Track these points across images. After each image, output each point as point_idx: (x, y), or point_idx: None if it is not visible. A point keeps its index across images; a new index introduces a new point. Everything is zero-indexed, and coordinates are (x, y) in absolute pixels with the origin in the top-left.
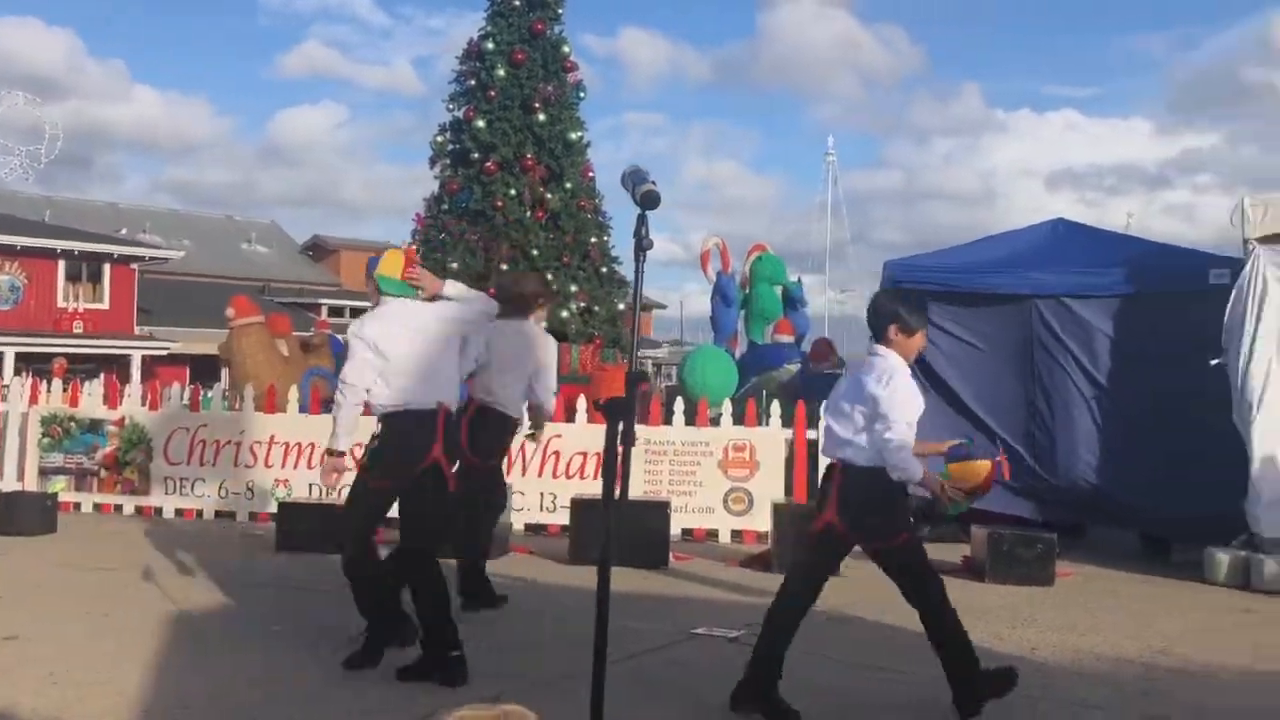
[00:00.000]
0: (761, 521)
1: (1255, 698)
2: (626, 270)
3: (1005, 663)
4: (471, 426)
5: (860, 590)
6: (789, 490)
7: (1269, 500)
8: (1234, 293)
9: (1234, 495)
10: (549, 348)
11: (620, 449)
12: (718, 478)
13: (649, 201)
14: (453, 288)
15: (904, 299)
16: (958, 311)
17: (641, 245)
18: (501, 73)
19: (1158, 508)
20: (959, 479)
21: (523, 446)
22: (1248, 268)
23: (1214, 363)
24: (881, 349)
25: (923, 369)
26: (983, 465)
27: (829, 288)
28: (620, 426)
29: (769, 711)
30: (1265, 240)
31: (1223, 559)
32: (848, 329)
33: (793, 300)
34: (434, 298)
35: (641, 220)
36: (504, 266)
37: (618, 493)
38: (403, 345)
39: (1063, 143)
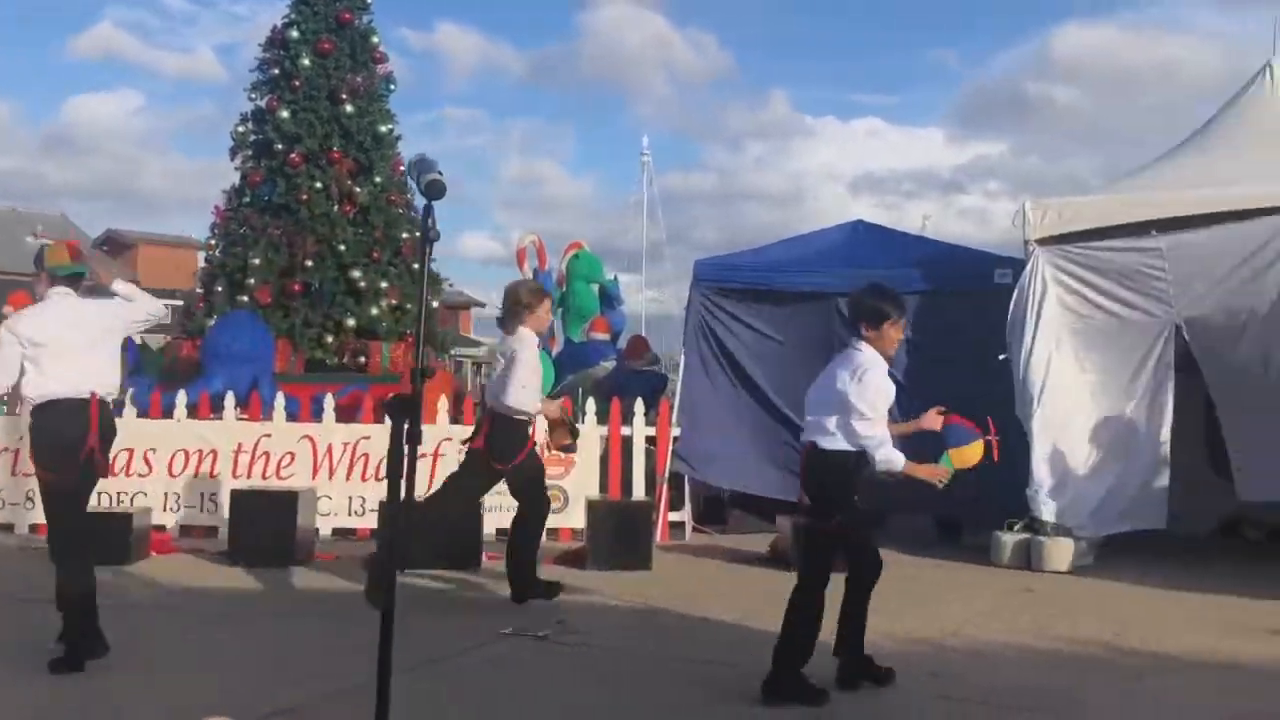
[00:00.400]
0: (577, 519)
1: (1038, 675)
2: (440, 266)
3: None
4: (489, 433)
5: (668, 585)
6: (604, 487)
7: (1049, 487)
8: (1016, 292)
9: (1018, 482)
10: (518, 347)
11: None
12: None
13: (434, 191)
14: (121, 285)
15: (881, 295)
16: (763, 309)
17: (428, 236)
18: (307, 62)
19: (950, 495)
20: (958, 464)
21: (329, 448)
22: (1028, 268)
23: (1000, 358)
24: (859, 343)
25: (730, 364)
26: (976, 449)
27: (645, 286)
28: (405, 425)
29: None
30: (1044, 242)
31: (1007, 542)
32: (663, 327)
33: (609, 298)
34: (102, 293)
35: (428, 211)
36: (309, 263)
37: (406, 494)
38: (59, 338)
39: (866, 148)
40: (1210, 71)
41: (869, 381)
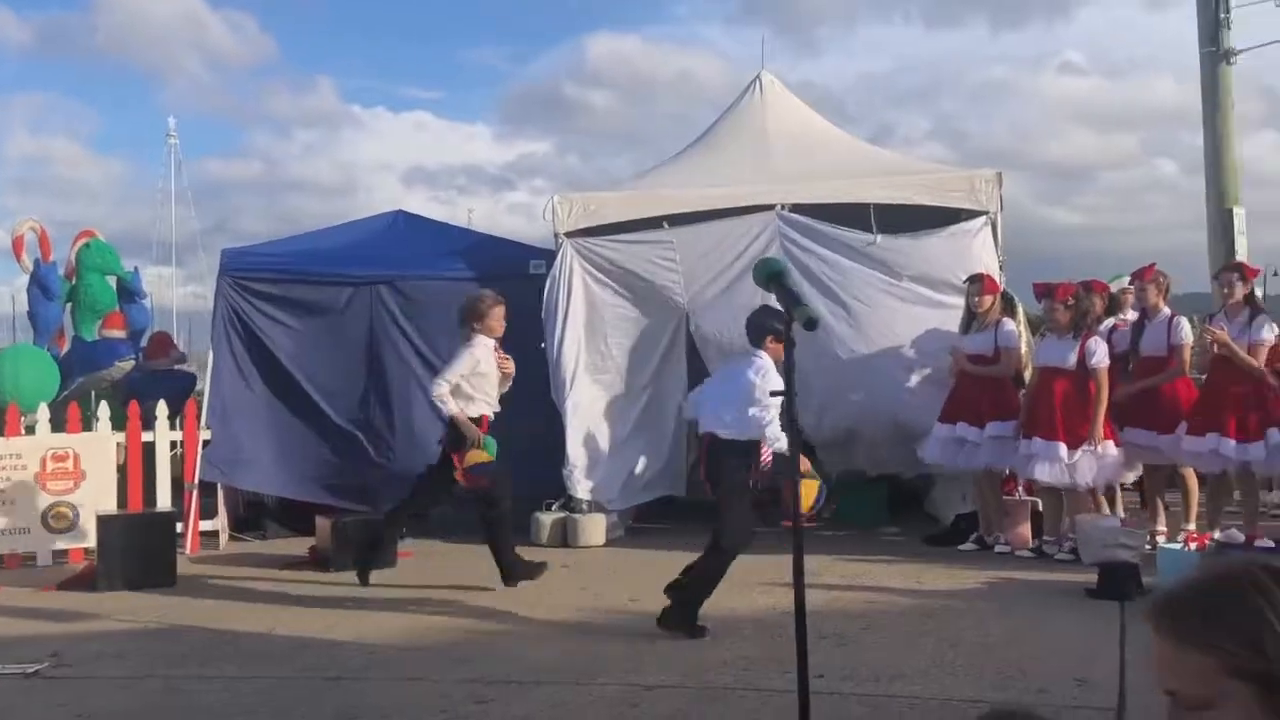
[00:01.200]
0: (90, 537)
1: (563, 646)
2: None
3: (340, 647)
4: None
5: (193, 601)
6: (123, 501)
7: (583, 466)
8: (549, 282)
9: (554, 463)
10: (463, 347)
11: None
12: (34, 493)
13: None
14: None
15: (777, 314)
16: (299, 301)
17: None
18: None
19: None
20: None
21: None
22: (558, 259)
23: (540, 346)
24: (759, 352)
25: (264, 361)
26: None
27: (186, 280)
28: None
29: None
30: (572, 234)
31: (545, 521)
32: (200, 323)
33: (129, 292)
34: None
35: None
36: None
37: None
38: None
39: (417, 142)
40: (717, 81)
41: (771, 380)
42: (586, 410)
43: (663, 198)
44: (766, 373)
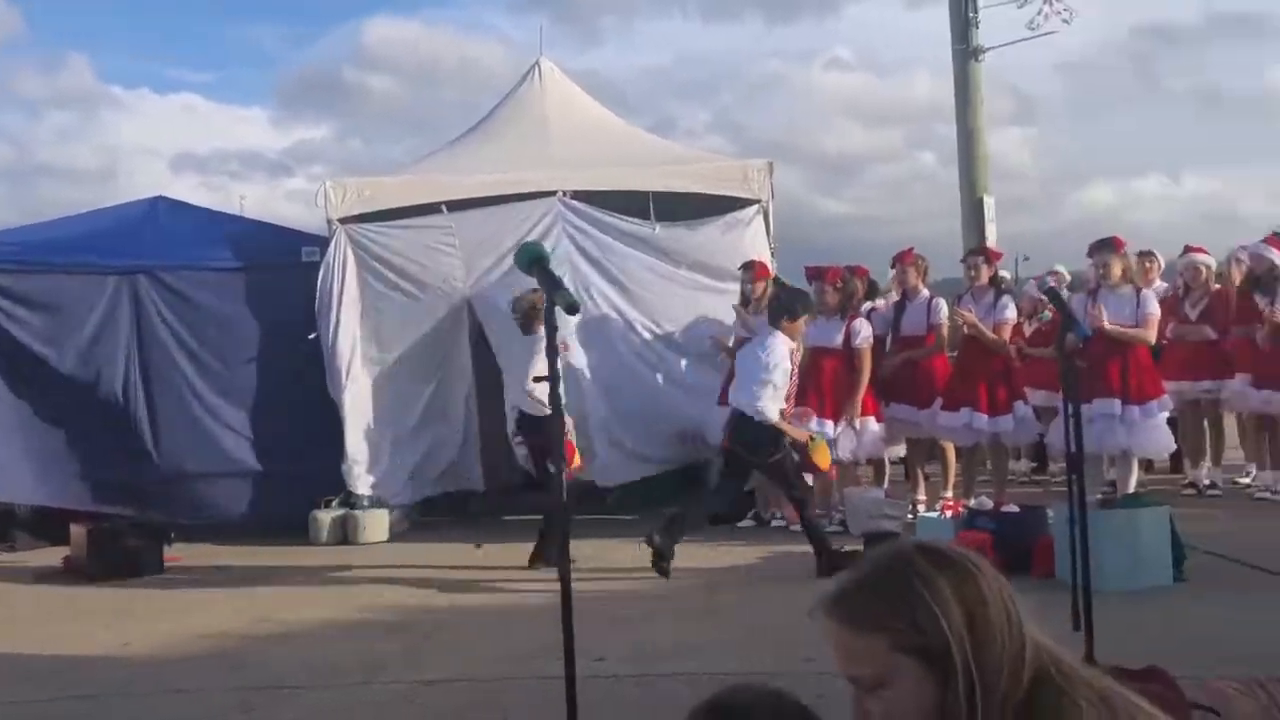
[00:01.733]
0: None
1: (339, 647)
2: None
3: (98, 663)
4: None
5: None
6: None
7: (363, 461)
8: (322, 270)
9: (332, 460)
10: (528, 348)
11: None
12: None
13: None
14: None
15: (801, 297)
16: (38, 292)
17: None
18: None
19: (272, 478)
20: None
21: None
22: (332, 246)
23: (311, 337)
24: (776, 331)
25: (7, 357)
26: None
27: None
28: None
29: (661, 549)
30: (346, 221)
31: (324, 519)
32: None
33: None
34: None
35: None
36: None
37: None
38: None
39: (186, 126)
40: (501, 69)
41: (779, 357)
42: (365, 403)
43: (441, 183)
44: (775, 350)
